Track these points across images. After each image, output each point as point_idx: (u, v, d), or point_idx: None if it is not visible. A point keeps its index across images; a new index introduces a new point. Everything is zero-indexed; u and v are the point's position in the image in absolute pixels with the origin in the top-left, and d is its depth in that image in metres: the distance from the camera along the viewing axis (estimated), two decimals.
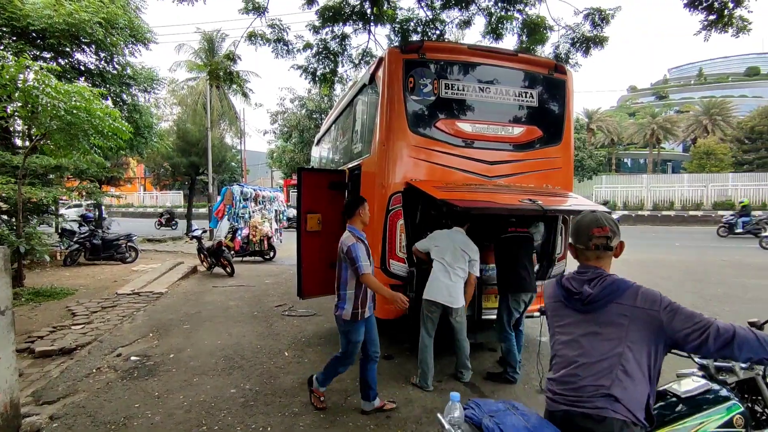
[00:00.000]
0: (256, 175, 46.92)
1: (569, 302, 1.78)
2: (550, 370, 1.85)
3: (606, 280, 1.70)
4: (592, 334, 1.68)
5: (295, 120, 26.76)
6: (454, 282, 4.08)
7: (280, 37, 7.25)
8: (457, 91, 4.70)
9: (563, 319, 1.81)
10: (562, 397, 1.70)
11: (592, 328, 1.69)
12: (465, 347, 4.23)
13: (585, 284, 1.72)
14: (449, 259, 4.08)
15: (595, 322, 1.69)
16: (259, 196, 13.09)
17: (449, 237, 4.22)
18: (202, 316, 6.68)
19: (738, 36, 5.45)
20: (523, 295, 4.28)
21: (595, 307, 1.69)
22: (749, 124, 39.29)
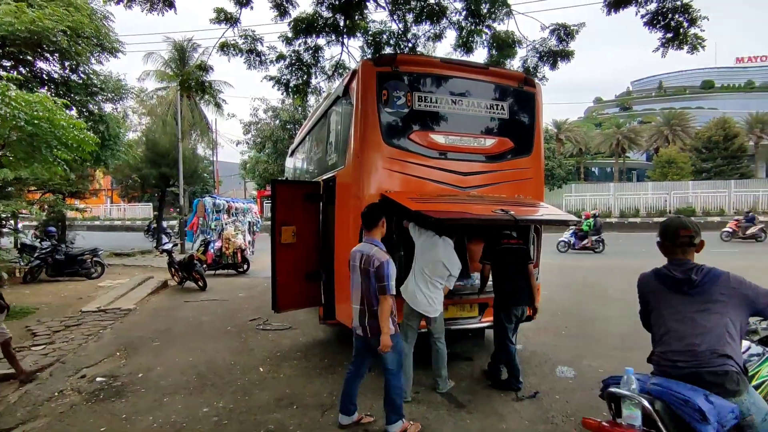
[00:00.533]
0: (229, 187, 46.17)
1: (676, 288, 2.24)
2: (659, 345, 2.28)
3: (704, 269, 2.20)
4: (702, 311, 2.16)
5: (268, 131, 26.52)
6: (432, 292, 4.09)
7: (252, 47, 7.21)
8: (430, 103, 4.77)
9: (670, 302, 2.26)
10: (686, 362, 2.12)
11: (701, 306, 2.16)
12: (442, 355, 4.22)
13: (690, 273, 2.19)
14: (428, 272, 4.10)
15: (702, 302, 2.17)
16: (232, 207, 12.87)
17: (435, 247, 4.13)
18: (173, 332, 6.48)
19: (693, 52, 5.77)
20: (515, 309, 4.27)
21: (701, 290, 2.17)
22: (706, 135, 41.31)
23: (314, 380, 4.56)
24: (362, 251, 3.39)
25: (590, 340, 5.76)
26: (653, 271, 2.39)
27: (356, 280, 3.43)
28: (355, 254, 3.45)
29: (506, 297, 4.27)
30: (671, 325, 2.22)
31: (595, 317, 6.94)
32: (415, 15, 7.30)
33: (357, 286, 3.43)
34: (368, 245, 3.41)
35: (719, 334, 2.11)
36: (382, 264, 3.28)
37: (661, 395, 2.02)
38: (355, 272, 3.42)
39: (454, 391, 4.21)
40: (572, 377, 4.52)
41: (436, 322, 4.16)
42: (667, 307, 2.27)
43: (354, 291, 3.46)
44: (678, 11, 5.20)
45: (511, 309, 4.25)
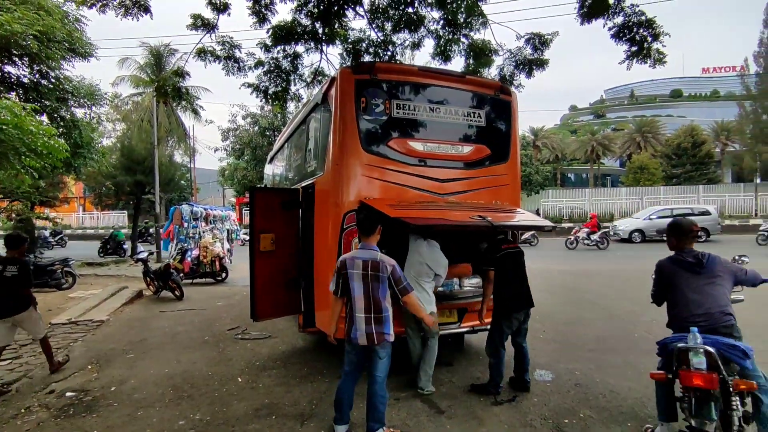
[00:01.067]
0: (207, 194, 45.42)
1: (689, 269, 3.18)
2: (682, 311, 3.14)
3: (707, 254, 3.19)
4: (709, 284, 3.10)
5: (247, 137, 26.29)
6: (420, 293, 4.18)
7: (230, 54, 7.16)
8: (409, 110, 4.82)
9: (686, 279, 3.17)
10: (706, 321, 2.99)
11: (708, 280, 3.11)
12: (432, 353, 4.35)
13: (698, 257, 3.17)
14: (414, 273, 4.26)
15: (708, 277, 3.12)
16: (209, 215, 12.69)
17: (419, 250, 4.33)
18: (147, 343, 6.32)
19: (655, 66, 6.01)
20: (517, 314, 4.22)
21: (707, 269, 3.14)
22: (676, 142, 42.81)
23: (293, 389, 4.50)
24: (364, 258, 3.35)
25: (567, 344, 5.86)
26: (668, 258, 3.35)
27: (357, 288, 3.34)
28: (353, 261, 3.36)
29: (508, 302, 4.22)
30: (690, 296, 3.11)
31: (572, 320, 7.07)
32: (393, 24, 7.37)
33: (361, 294, 3.33)
34: (369, 251, 3.38)
35: (723, 300, 3.07)
36: (395, 267, 3.33)
37: (713, 344, 2.82)
38: (358, 280, 3.33)
39: (434, 397, 4.22)
40: (550, 380, 4.58)
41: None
42: (685, 284, 3.17)
43: (356, 299, 3.34)
44: (642, 26, 5.40)
45: (512, 314, 4.20)
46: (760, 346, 3.51)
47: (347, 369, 3.50)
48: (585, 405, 3.98)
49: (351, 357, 3.48)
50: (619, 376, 4.63)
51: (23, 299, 4.93)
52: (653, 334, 6.07)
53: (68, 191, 25.15)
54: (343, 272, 3.39)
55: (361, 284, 3.34)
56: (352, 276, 3.36)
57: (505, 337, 4.25)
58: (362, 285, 3.33)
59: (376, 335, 3.32)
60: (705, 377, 2.73)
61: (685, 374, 2.81)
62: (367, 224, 3.50)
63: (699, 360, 2.78)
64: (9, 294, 4.82)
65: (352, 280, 3.36)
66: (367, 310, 3.33)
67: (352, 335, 3.37)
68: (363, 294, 3.33)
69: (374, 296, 3.32)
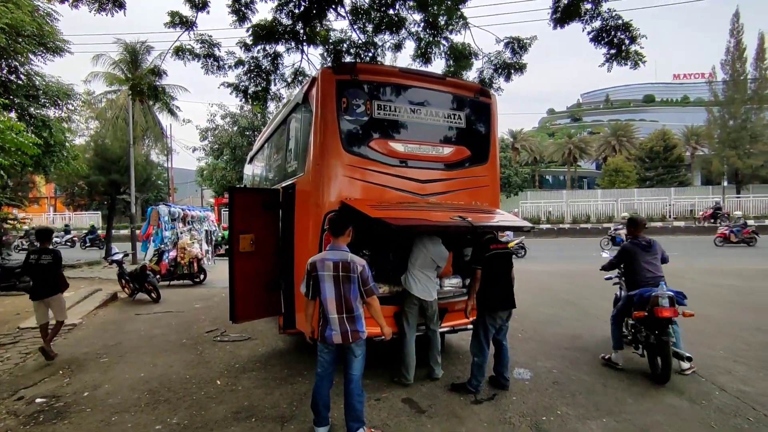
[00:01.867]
0: (184, 194, 44.60)
1: (643, 249, 4.89)
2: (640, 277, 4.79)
3: (653, 240, 5.02)
4: (655, 258, 4.86)
5: (226, 137, 25.84)
6: (427, 281, 4.53)
7: (210, 52, 7.03)
8: (390, 111, 4.85)
9: (642, 256, 4.85)
10: (655, 281, 4.63)
11: (654, 257, 4.87)
12: (437, 339, 4.70)
13: (649, 241, 4.97)
14: (419, 265, 4.53)
15: (654, 255, 4.88)
16: (187, 216, 12.44)
17: (425, 247, 4.55)
18: (122, 347, 6.16)
19: (635, 68, 6.15)
20: (501, 313, 4.33)
21: (653, 249, 4.91)
22: (649, 145, 44.14)
23: (273, 391, 4.46)
24: (333, 258, 3.33)
25: (544, 342, 5.97)
26: (630, 242, 5.08)
27: (329, 289, 3.31)
28: (323, 262, 3.34)
29: (494, 301, 4.29)
30: (645, 266, 4.82)
31: (548, 319, 7.20)
32: (374, 25, 7.36)
33: (332, 295, 3.31)
34: (339, 252, 3.37)
35: (660, 269, 4.86)
36: (364, 268, 3.33)
37: (672, 292, 4.46)
38: (328, 281, 3.31)
39: (415, 396, 4.25)
40: (528, 378, 4.66)
41: (431, 308, 4.56)
42: (641, 258, 4.87)
43: (328, 300, 3.32)
44: (620, 29, 5.54)
45: (498, 313, 4.30)
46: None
47: (320, 371, 3.46)
48: (562, 402, 4.06)
49: (324, 357, 3.44)
50: (595, 374, 4.74)
51: (57, 284, 5.76)
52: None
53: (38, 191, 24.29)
54: (314, 274, 3.36)
55: (332, 285, 3.32)
56: (322, 278, 3.33)
57: (490, 335, 4.33)
58: (333, 286, 3.31)
59: (351, 333, 3.33)
60: (671, 311, 4.36)
61: (659, 310, 4.37)
62: (337, 225, 3.50)
63: (666, 302, 4.37)
64: (46, 279, 5.65)
65: (323, 281, 3.33)
66: (339, 311, 3.33)
67: (326, 334, 3.35)
68: (335, 295, 3.32)
69: (346, 297, 3.32)
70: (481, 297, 4.35)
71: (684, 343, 5.45)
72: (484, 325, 4.32)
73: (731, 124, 33.61)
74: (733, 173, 34.53)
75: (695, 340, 5.74)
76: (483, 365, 4.32)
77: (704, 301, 8.12)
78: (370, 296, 3.37)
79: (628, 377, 4.64)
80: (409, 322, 4.54)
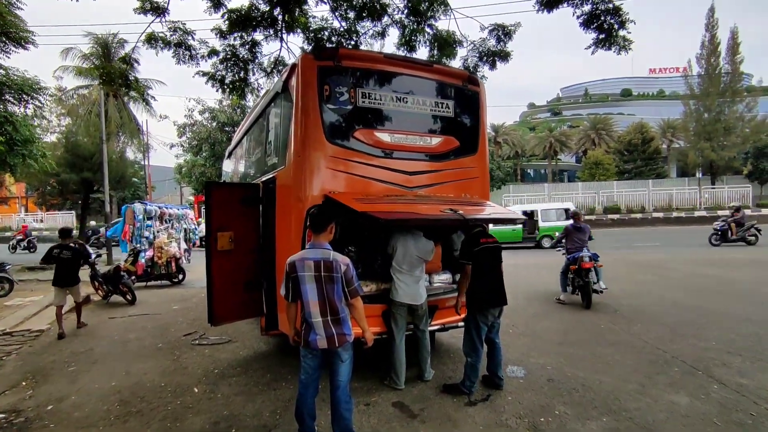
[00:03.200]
0: (163, 192, 43.56)
1: (578, 230, 7.75)
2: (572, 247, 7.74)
3: (585, 225, 7.96)
4: (583, 235, 7.72)
5: (205, 133, 25.17)
6: (415, 283, 4.29)
7: (182, 41, 6.66)
8: (375, 100, 4.59)
9: (575, 234, 7.73)
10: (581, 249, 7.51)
11: (584, 235, 7.71)
12: (426, 339, 4.47)
13: (583, 226, 7.86)
14: (407, 267, 4.26)
15: (584, 233, 7.72)
16: (165, 214, 11.95)
17: (407, 244, 4.28)
18: (93, 354, 5.80)
19: (620, 53, 6.03)
20: (493, 310, 4.13)
21: (584, 231, 7.75)
22: (627, 138, 44.82)
23: (255, 398, 4.20)
24: (315, 258, 3.05)
25: (535, 337, 5.84)
26: (571, 224, 7.83)
27: (311, 290, 3.03)
28: (302, 262, 3.05)
29: (484, 298, 4.09)
30: (576, 240, 7.62)
31: (536, 313, 7.09)
32: (356, 12, 7.10)
33: (315, 297, 3.04)
34: (321, 250, 3.08)
35: (586, 242, 7.60)
36: (349, 266, 3.06)
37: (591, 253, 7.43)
38: (310, 282, 3.03)
39: (406, 400, 4.03)
40: (522, 376, 4.50)
41: (421, 309, 4.34)
42: (574, 236, 7.69)
43: (311, 303, 3.04)
44: (610, 13, 5.41)
45: (489, 309, 4.10)
46: None
47: (304, 378, 3.18)
48: (559, 401, 3.90)
49: (308, 363, 3.16)
50: (589, 369, 4.61)
51: (76, 275, 6.97)
52: (617, 325, 6.18)
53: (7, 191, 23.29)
54: (293, 275, 3.08)
55: (314, 287, 3.03)
56: (303, 279, 3.04)
57: (483, 334, 4.12)
58: (315, 287, 3.03)
59: (336, 337, 3.06)
60: (590, 264, 7.18)
61: (583, 264, 7.19)
62: (318, 220, 3.21)
63: (587, 259, 7.21)
64: (68, 270, 6.85)
65: (304, 283, 3.04)
66: (323, 314, 3.05)
67: (310, 339, 3.06)
68: (317, 297, 3.03)
69: (329, 298, 3.04)
70: (470, 293, 4.15)
71: (675, 335, 5.40)
72: (475, 323, 4.11)
73: (706, 117, 34.28)
74: (708, 165, 35.29)
75: (688, 332, 5.70)
76: (477, 365, 4.13)
77: (691, 292, 8.14)
78: (354, 297, 3.11)
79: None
80: (398, 324, 4.31)
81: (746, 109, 34.51)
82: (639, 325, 6.14)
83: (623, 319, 6.50)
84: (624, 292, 8.29)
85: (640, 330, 5.91)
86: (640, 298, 7.84)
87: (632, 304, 7.39)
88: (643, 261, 12.34)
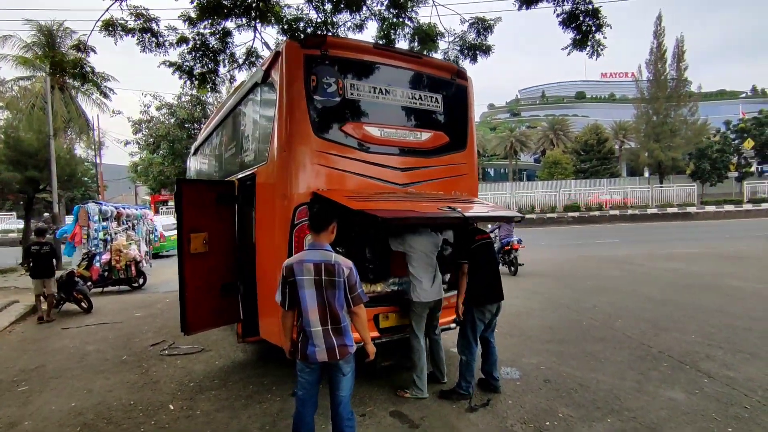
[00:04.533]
0: (116, 191, 41.25)
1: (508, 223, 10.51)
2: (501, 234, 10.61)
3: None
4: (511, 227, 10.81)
5: (163, 129, 23.85)
6: (433, 279, 4.13)
7: (146, 26, 6.15)
8: (364, 92, 4.35)
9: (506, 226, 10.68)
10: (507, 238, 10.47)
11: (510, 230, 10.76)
12: (441, 346, 4.40)
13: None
14: (424, 266, 4.11)
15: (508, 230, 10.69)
16: (122, 214, 11.17)
17: (420, 241, 4.14)
18: (47, 370, 5.22)
19: (593, 56, 6.13)
20: (490, 306, 4.03)
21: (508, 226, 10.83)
22: (583, 139, 46.65)
23: (240, 413, 3.86)
24: (315, 260, 2.76)
25: (524, 337, 5.78)
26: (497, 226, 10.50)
27: (309, 297, 2.75)
28: (301, 265, 2.76)
29: (482, 294, 4.01)
30: (506, 230, 10.61)
31: (519, 312, 7.07)
32: (333, 3, 6.81)
33: (313, 304, 2.75)
34: (321, 252, 2.80)
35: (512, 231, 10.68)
36: (352, 270, 2.80)
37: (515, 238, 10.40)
38: (308, 287, 2.74)
39: (404, 409, 3.83)
40: (518, 378, 4.40)
41: (438, 307, 4.24)
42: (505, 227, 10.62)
43: (309, 311, 2.75)
44: (589, 14, 5.44)
45: (486, 306, 4.00)
46: None
47: (301, 394, 2.87)
48: (560, 403, 3.81)
49: (306, 377, 2.86)
50: (583, 368, 4.58)
51: (53, 268, 7.77)
52: (599, 321, 6.25)
53: None
54: (291, 279, 2.77)
55: (313, 292, 2.75)
56: (301, 283, 2.75)
57: (479, 331, 4.02)
58: (315, 293, 2.75)
59: (338, 348, 2.77)
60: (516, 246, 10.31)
61: (514, 246, 10.29)
62: (319, 219, 2.90)
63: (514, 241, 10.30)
64: (46, 263, 7.60)
65: (302, 288, 2.75)
66: (323, 322, 2.76)
67: (308, 351, 2.77)
68: (317, 304, 2.75)
69: (330, 305, 2.76)
70: (467, 290, 4.07)
71: (657, 329, 5.50)
72: (472, 320, 4.01)
73: (655, 119, 36.31)
74: (657, 165, 37.29)
75: (668, 326, 5.82)
76: (472, 363, 3.99)
77: (661, 286, 8.41)
78: (357, 304, 2.83)
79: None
80: (420, 326, 4.14)
81: (689, 113, 36.84)
82: (620, 320, 6.23)
83: (602, 315, 6.58)
84: (597, 288, 8.45)
85: (622, 326, 5.98)
86: (614, 294, 8.00)
87: (609, 300, 7.52)
88: (608, 257, 12.72)
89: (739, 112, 48.36)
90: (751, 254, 12.18)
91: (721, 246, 13.98)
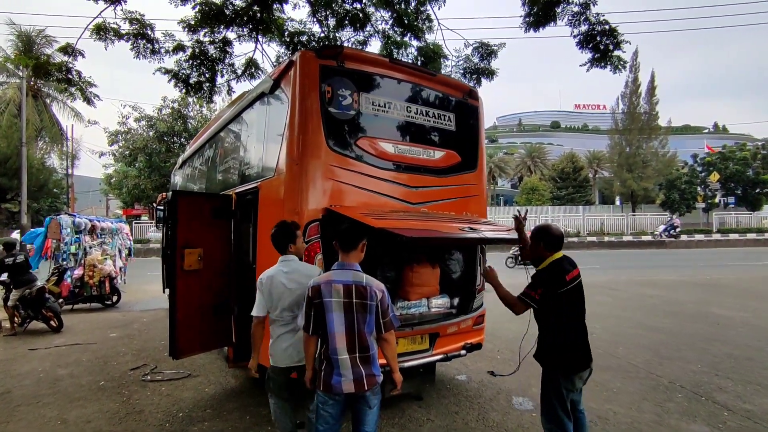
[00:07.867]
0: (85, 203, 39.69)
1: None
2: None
3: None
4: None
5: (141, 142, 23.23)
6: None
7: (141, 32, 5.91)
8: (379, 107, 4.22)
9: None
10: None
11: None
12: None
13: None
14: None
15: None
16: (96, 227, 10.59)
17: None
18: (13, 397, 4.72)
19: (615, 72, 6.15)
20: (582, 373, 3.03)
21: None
22: (560, 166, 47.97)
23: None
24: (346, 281, 2.54)
25: (527, 363, 5.58)
26: None
27: (337, 320, 2.52)
28: (329, 285, 2.54)
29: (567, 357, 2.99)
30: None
31: (516, 337, 6.89)
32: (337, 20, 6.75)
33: (341, 328, 2.52)
34: (350, 272, 2.58)
35: None
36: (384, 294, 2.58)
37: None
38: (338, 310, 2.52)
39: None
40: (532, 408, 4.21)
41: None
42: None
43: (336, 336, 2.52)
44: (605, 35, 5.52)
45: (577, 374, 2.99)
46: None
47: (322, 429, 2.58)
48: None
49: (329, 411, 2.57)
50: (597, 399, 4.42)
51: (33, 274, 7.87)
52: (601, 349, 6.14)
53: None
54: (317, 301, 2.55)
55: (342, 316, 2.52)
56: (329, 306, 2.52)
57: (568, 403, 2.99)
58: (344, 317, 2.52)
59: (366, 378, 2.53)
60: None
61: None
62: (349, 237, 2.68)
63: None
64: (24, 273, 7.56)
65: (330, 310, 2.52)
66: (351, 350, 2.52)
67: (333, 382, 2.51)
68: (345, 329, 2.52)
69: (359, 331, 2.53)
70: (548, 349, 3.05)
71: (660, 358, 5.42)
72: (557, 391, 2.96)
73: (628, 150, 37.75)
74: (629, 194, 38.55)
75: (671, 355, 5.76)
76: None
77: (649, 313, 8.42)
78: (388, 330, 2.61)
79: None
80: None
81: (660, 146, 38.50)
82: (621, 348, 6.15)
83: (601, 341, 6.49)
84: (589, 314, 8.38)
85: (624, 353, 5.89)
86: (607, 320, 7.95)
87: (603, 326, 7.45)
88: (592, 282, 12.81)
89: (704, 146, 50.89)
90: (726, 282, 12.48)
91: (695, 274, 14.31)
